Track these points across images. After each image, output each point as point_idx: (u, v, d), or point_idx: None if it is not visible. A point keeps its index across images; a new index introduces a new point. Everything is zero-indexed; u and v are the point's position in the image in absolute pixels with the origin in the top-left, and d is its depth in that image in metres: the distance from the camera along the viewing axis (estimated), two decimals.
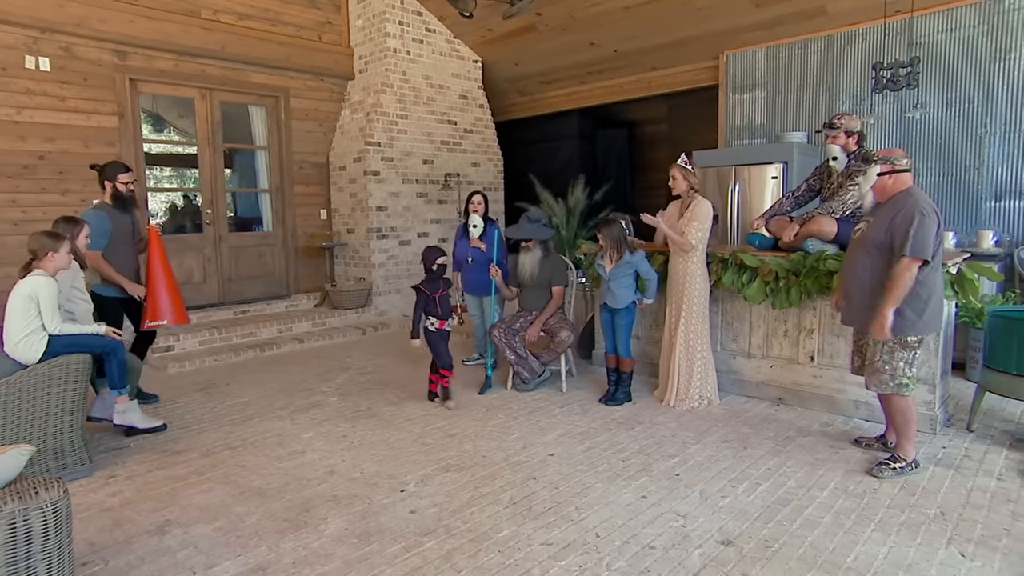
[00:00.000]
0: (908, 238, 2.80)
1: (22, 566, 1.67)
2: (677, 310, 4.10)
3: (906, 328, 2.94)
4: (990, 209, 5.24)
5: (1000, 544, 2.45)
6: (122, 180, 4.16)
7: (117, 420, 3.70)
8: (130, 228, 4.26)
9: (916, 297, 2.90)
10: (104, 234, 4.06)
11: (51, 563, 1.71)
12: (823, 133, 3.86)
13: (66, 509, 1.75)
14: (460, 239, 5.24)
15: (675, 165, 4.06)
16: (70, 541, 1.77)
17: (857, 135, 3.80)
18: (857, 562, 2.35)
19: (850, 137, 3.79)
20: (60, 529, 1.73)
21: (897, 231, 2.85)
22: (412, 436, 3.72)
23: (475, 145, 8.23)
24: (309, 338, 6.35)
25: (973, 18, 5.18)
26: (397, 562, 2.40)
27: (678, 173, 4.05)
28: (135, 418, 3.74)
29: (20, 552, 1.66)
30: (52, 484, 1.75)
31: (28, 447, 1.97)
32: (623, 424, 3.84)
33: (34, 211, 5.49)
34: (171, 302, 4.21)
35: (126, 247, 4.24)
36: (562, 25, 7.02)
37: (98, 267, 4.07)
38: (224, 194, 6.92)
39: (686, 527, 2.62)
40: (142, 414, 3.80)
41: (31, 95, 5.50)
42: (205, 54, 6.42)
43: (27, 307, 3.21)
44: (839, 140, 3.79)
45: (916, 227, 2.79)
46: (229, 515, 2.81)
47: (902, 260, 2.82)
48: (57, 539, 1.72)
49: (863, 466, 3.15)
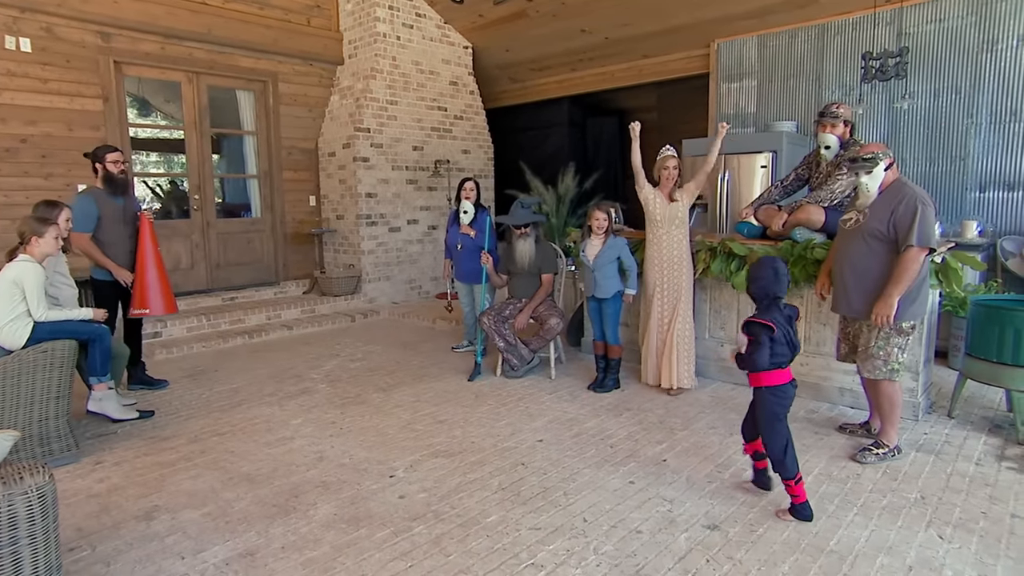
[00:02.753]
0: (914, 228, 2.84)
1: (7, 551, 1.65)
2: (674, 291, 4.10)
3: (902, 314, 2.98)
4: (974, 199, 5.29)
5: (977, 527, 2.50)
6: (110, 159, 4.06)
7: (92, 407, 3.64)
8: (122, 212, 4.15)
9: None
10: (90, 217, 3.99)
11: (37, 548, 1.70)
12: (821, 121, 3.83)
13: (52, 494, 1.73)
14: (451, 226, 5.22)
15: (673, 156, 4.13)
16: (56, 526, 1.76)
17: (851, 125, 3.81)
18: (840, 545, 2.38)
19: (846, 126, 3.80)
20: (46, 514, 1.71)
21: (901, 221, 2.89)
22: (401, 422, 3.73)
23: (465, 132, 8.18)
24: (298, 325, 6.33)
25: (961, 8, 5.20)
26: (386, 547, 2.41)
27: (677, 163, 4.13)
28: (111, 407, 3.69)
29: (5, 537, 1.65)
30: (37, 469, 1.74)
31: (13, 433, 1.95)
32: (611, 411, 3.86)
33: (16, 195, 5.39)
34: (160, 291, 4.14)
35: (119, 231, 4.14)
36: (553, 11, 6.96)
37: (86, 251, 4.02)
38: (212, 180, 6.84)
39: (673, 512, 2.65)
40: (119, 405, 3.75)
41: (11, 76, 5.39)
42: (192, 37, 6.32)
43: (12, 292, 3.17)
44: (838, 129, 3.77)
45: (920, 217, 2.84)
46: (217, 501, 2.80)
47: (910, 250, 2.87)
48: (43, 524, 1.70)
49: (847, 452, 3.20)
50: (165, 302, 4.18)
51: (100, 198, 4.08)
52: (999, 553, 2.32)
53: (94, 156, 4.11)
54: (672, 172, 4.11)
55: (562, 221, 7.69)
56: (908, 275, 2.89)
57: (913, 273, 2.89)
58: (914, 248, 2.86)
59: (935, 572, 2.21)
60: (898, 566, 2.25)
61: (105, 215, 4.07)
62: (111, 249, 4.10)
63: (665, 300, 4.15)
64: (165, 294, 4.18)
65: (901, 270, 2.89)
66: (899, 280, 2.90)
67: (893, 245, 2.95)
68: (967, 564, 2.25)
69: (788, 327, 2.60)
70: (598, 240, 4.16)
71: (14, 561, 1.67)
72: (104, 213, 4.06)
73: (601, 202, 4.28)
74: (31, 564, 1.70)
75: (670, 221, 4.08)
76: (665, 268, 4.11)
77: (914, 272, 2.89)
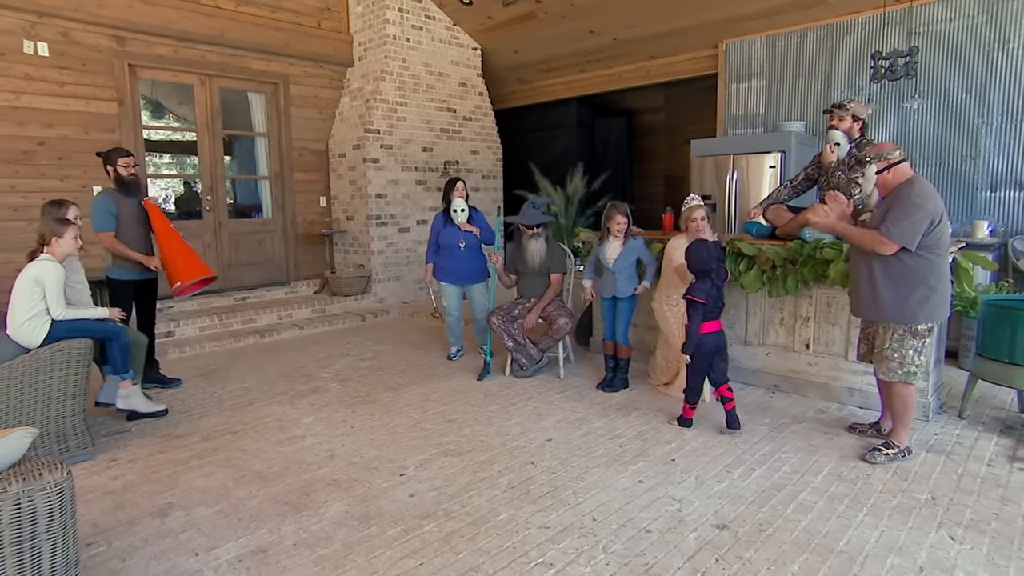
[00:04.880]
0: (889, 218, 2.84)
1: (27, 545, 1.68)
2: None
3: (916, 315, 2.94)
4: (985, 199, 5.24)
5: (989, 528, 2.48)
6: (121, 164, 4.21)
7: (120, 405, 3.70)
8: (137, 211, 4.30)
9: (922, 283, 2.90)
10: (110, 215, 4.13)
11: (55, 543, 1.72)
12: (830, 114, 3.79)
13: (70, 490, 1.75)
14: (445, 227, 4.88)
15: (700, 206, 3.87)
16: (74, 522, 1.78)
17: (862, 122, 3.77)
18: (849, 545, 2.37)
19: (856, 122, 3.75)
20: (64, 510, 1.73)
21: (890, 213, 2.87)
22: (411, 421, 3.74)
23: (474, 133, 8.18)
24: (309, 324, 6.36)
25: (972, 7, 5.15)
26: (397, 544, 2.42)
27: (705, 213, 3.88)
28: (138, 403, 3.74)
29: (25, 532, 1.67)
30: (56, 466, 1.76)
31: (31, 430, 1.97)
32: (620, 410, 3.86)
33: (34, 196, 5.45)
34: (187, 261, 4.27)
35: (136, 230, 4.29)
36: (562, 13, 6.96)
37: (112, 247, 4.17)
38: (224, 181, 6.89)
39: (682, 511, 2.64)
40: (145, 399, 3.81)
41: (29, 80, 5.46)
42: (204, 40, 6.36)
43: (32, 291, 3.23)
44: (844, 123, 3.73)
45: (902, 213, 2.82)
46: (230, 498, 2.83)
47: (878, 232, 2.87)
48: (61, 520, 1.72)
49: (856, 452, 3.18)
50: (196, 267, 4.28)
51: (116, 198, 4.20)
52: (1011, 554, 2.30)
53: (106, 158, 4.25)
54: (700, 223, 3.85)
55: (571, 221, 7.70)
56: (860, 238, 2.95)
57: (865, 242, 2.93)
58: (880, 235, 2.85)
59: (946, 573, 2.19)
60: (909, 567, 2.23)
61: (122, 215, 4.20)
62: (131, 245, 4.24)
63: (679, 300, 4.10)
64: (194, 262, 4.30)
65: (862, 232, 2.95)
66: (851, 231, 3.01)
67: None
68: (979, 565, 2.23)
69: (717, 292, 3.46)
70: (617, 242, 4.12)
71: (34, 555, 1.69)
72: (121, 213, 4.19)
73: (619, 204, 4.20)
74: (50, 558, 1.72)
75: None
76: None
77: (866, 243, 2.92)
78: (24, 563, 1.67)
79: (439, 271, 4.97)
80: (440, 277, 4.97)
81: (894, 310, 2.96)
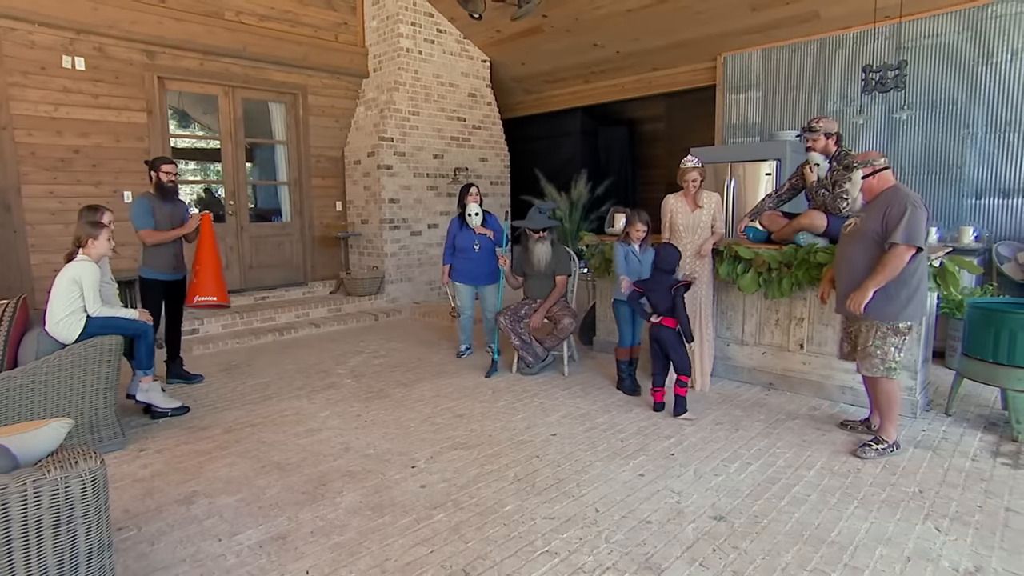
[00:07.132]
0: (901, 227, 2.82)
1: (64, 528, 1.70)
2: (703, 297, 4.05)
3: (898, 315, 2.95)
4: (971, 206, 5.21)
5: (973, 520, 2.47)
6: (164, 170, 4.27)
7: (140, 397, 3.72)
8: (170, 216, 4.33)
9: (906, 284, 2.92)
10: (148, 213, 4.20)
11: (90, 527, 1.74)
12: (804, 137, 3.78)
13: (103, 478, 1.78)
14: (460, 230, 4.93)
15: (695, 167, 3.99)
16: (108, 507, 1.81)
17: (835, 136, 3.75)
18: (841, 536, 2.37)
19: (829, 139, 3.72)
20: (99, 496, 1.76)
21: (890, 221, 2.87)
22: (422, 416, 3.76)
23: (483, 141, 8.20)
24: (325, 323, 6.39)
25: (958, 24, 5.13)
26: (408, 533, 2.44)
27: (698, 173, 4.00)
28: (156, 398, 3.75)
29: (63, 516, 1.69)
30: (90, 455, 1.78)
31: (67, 420, 2.00)
32: (622, 407, 3.86)
33: (70, 201, 5.50)
34: (216, 282, 4.38)
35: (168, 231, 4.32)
36: (567, 27, 6.97)
37: (156, 239, 4.22)
38: (245, 186, 6.93)
39: (680, 503, 2.65)
40: (163, 395, 3.82)
41: (67, 93, 5.52)
42: (228, 53, 6.41)
43: (71, 289, 3.27)
44: (819, 144, 3.71)
45: (909, 217, 2.81)
46: (251, 487, 2.85)
47: (897, 247, 2.84)
48: (96, 505, 1.75)
49: (848, 447, 3.17)
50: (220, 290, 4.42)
51: (153, 201, 4.26)
52: (994, 545, 2.30)
53: (151, 164, 4.31)
54: (691, 185, 3.97)
55: (575, 226, 7.69)
56: (888, 270, 2.87)
57: (894, 269, 2.86)
58: (900, 246, 2.83)
59: (932, 563, 2.19)
60: (896, 556, 2.23)
61: (157, 218, 4.24)
62: (162, 248, 4.28)
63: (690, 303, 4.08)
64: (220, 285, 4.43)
65: (882, 265, 2.88)
66: (877, 273, 2.89)
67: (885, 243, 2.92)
68: (963, 555, 2.23)
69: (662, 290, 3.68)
70: (636, 248, 4.06)
71: (70, 538, 1.72)
72: (156, 216, 4.23)
73: (640, 212, 4.14)
74: (85, 541, 1.74)
75: (692, 230, 4.02)
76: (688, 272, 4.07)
77: (895, 268, 2.86)
78: (62, 545, 1.70)
79: (454, 272, 5.02)
80: (455, 278, 5.02)
81: (880, 309, 2.97)
